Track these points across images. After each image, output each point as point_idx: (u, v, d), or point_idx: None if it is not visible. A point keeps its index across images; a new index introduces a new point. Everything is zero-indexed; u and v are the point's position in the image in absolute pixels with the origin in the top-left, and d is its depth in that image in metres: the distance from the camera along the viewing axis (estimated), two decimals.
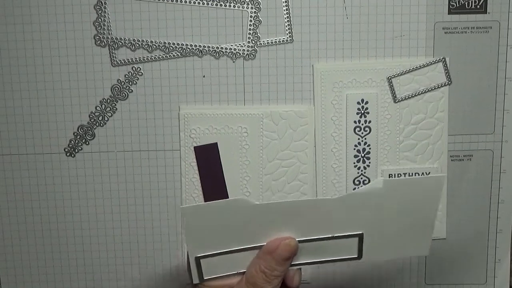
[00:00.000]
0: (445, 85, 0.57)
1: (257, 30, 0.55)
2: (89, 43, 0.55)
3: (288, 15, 0.55)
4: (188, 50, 0.56)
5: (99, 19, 0.55)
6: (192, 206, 0.41)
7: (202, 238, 0.41)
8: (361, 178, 0.58)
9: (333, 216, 0.42)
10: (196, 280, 0.42)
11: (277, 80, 0.56)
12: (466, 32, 0.56)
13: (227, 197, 0.57)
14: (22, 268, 0.59)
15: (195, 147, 0.57)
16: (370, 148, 0.57)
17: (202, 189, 0.57)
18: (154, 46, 0.55)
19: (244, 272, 0.43)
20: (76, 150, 0.57)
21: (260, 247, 0.42)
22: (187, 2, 0.55)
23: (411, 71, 0.56)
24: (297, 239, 0.42)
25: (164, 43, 0.55)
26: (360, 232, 0.44)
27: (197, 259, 0.42)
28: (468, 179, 0.58)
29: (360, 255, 0.45)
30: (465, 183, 0.58)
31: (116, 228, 0.59)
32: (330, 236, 0.43)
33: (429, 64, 0.56)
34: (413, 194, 0.43)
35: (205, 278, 0.42)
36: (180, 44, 0.55)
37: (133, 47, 0.55)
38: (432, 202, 0.44)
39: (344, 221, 0.43)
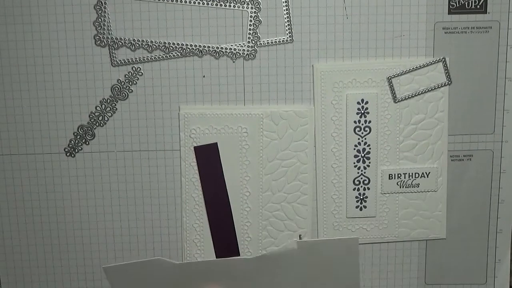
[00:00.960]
0: (445, 85, 0.57)
1: (257, 30, 0.55)
2: (89, 43, 0.55)
3: (288, 15, 0.55)
4: (188, 50, 0.56)
5: (99, 19, 0.55)
6: (113, 266, 0.41)
7: None
8: (361, 178, 0.58)
9: (251, 276, 0.42)
10: None
11: (277, 80, 0.56)
12: (466, 32, 0.56)
13: (227, 197, 0.57)
14: (22, 268, 0.59)
15: (195, 147, 0.57)
16: (370, 148, 0.57)
17: (202, 189, 0.57)
18: (154, 46, 0.55)
19: None
20: (76, 150, 0.57)
21: None
22: (187, 2, 0.55)
23: (411, 71, 0.56)
24: None
25: (164, 43, 0.55)
26: None
27: None
28: (468, 179, 0.58)
29: None
30: (465, 183, 0.58)
31: (116, 228, 0.59)
32: None
33: (429, 64, 0.56)
34: (328, 256, 0.42)
35: None
36: (180, 44, 0.55)
37: (133, 47, 0.55)
38: (351, 265, 0.43)
39: (262, 282, 0.43)
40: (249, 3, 0.55)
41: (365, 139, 0.57)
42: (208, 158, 0.57)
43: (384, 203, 0.58)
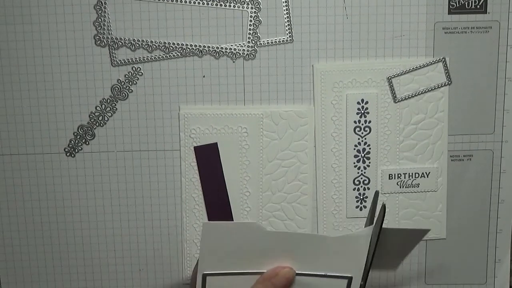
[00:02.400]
0: (445, 85, 0.57)
1: (257, 30, 0.55)
2: (89, 43, 0.55)
3: (288, 15, 0.55)
4: (188, 50, 0.56)
5: (99, 19, 0.55)
6: (213, 223, 0.42)
7: (214, 256, 0.42)
8: (361, 178, 0.58)
9: (329, 254, 0.43)
10: None
11: (277, 80, 0.56)
12: (466, 32, 0.56)
13: (227, 197, 0.57)
14: (22, 268, 0.59)
15: (195, 147, 0.57)
16: (370, 148, 0.57)
17: (202, 189, 0.57)
18: (154, 46, 0.55)
19: None
20: (76, 150, 0.57)
21: (261, 274, 0.44)
22: (187, 2, 0.55)
23: (411, 71, 0.56)
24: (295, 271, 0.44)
25: (164, 43, 0.55)
26: (350, 275, 0.44)
27: (204, 276, 0.43)
28: (468, 179, 0.58)
29: None
30: (465, 183, 0.58)
31: (116, 228, 0.59)
32: (323, 274, 0.44)
33: (429, 64, 0.56)
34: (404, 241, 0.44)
35: None
36: (180, 44, 0.55)
37: (133, 47, 0.55)
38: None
39: (339, 261, 0.43)
40: (249, 3, 0.55)
41: (365, 139, 0.57)
42: (208, 158, 0.57)
43: (384, 203, 0.58)
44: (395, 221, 0.58)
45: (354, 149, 0.57)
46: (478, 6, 0.55)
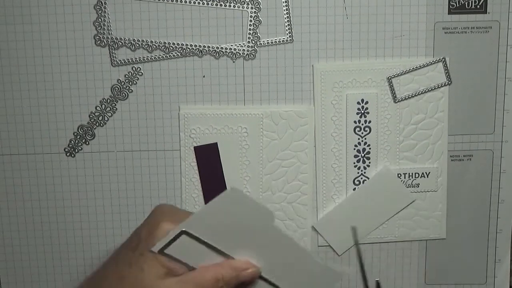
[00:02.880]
0: (445, 85, 0.57)
1: (257, 30, 0.55)
2: (89, 43, 0.55)
3: (288, 15, 0.55)
4: (188, 50, 0.56)
5: (99, 19, 0.55)
6: (241, 193, 0.40)
7: (207, 222, 0.40)
8: (361, 178, 0.58)
9: (300, 272, 0.43)
10: (156, 248, 0.41)
11: (277, 80, 0.56)
12: (466, 32, 0.56)
13: None
14: (22, 268, 0.59)
15: (195, 147, 0.57)
16: (370, 148, 0.57)
17: (202, 189, 0.57)
18: (154, 46, 0.55)
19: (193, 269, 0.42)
20: (76, 150, 0.57)
21: (228, 257, 0.42)
22: (187, 2, 0.55)
23: (411, 71, 0.56)
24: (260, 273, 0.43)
25: (164, 43, 0.55)
26: None
27: (180, 233, 0.40)
28: (468, 179, 0.58)
29: None
30: (465, 183, 0.58)
31: (116, 228, 0.58)
32: None
33: (429, 64, 0.56)
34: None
35: (164, 252, 0.41)
36: (180, 44, 0.55)
37: (133, 47, 0.55)
38: None
39: (304, 284, 0.43)
40: (249, 3, 0.55)
41: (365, 139, 0.57)
42: (208, 158, 0.57)
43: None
44: (395, 221, 0.58)
45: (354, 149, 0.57)
46: (478, 6, 0.55)
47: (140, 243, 0.42)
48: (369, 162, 0.58)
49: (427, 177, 0.58)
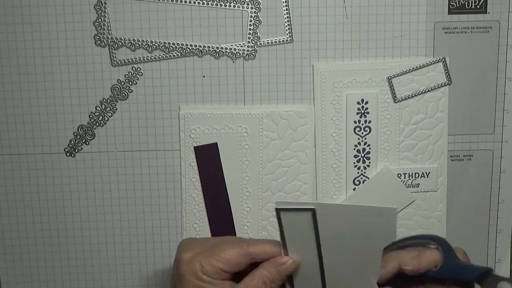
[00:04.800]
0: (445, 85, 0.57)
1: (257, 30, 0.55)
2: (89, 43, 0.55)
3: (288, 15, 0.55)
4: (188, 50, 0.56)
5: (99, 19, 0.55)
6: (394, 213, 0.41)
7: (336, 216, 0.42)
8: (361, 178, 0.58)
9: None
10: (278, 204, 0.43)
11: (277, 80, 0.56)
12: (466, 32, 0.56)
13: (227, 197, 0.57)
14: (22, 268, 0.59)
15: (195, 147, 0.57)
16: (370, 148, 0.57)
17: (202, 189, 0.57)
18: (154, 46, 0.55)
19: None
20: (76, 150, 0.57)
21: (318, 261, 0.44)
22: (187, 2, 0.55)
23: (411, 71, 0.56)
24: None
25: (164, 43, 0.55)
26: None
27: (308, 209, 0.42)
28: (468, 179, 0.58)
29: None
30: (465, 183, 0.58)
31: (116, 228, 0.59)
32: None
33: (429, 64, 0.56)
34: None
35: (280, 214, 0.43)
36: (180, 44, 0.55)
37: (133, 47, 0.55)
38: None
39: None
40: (249, 3, 0.55)
41: (365, 139, 0.57)
42: (208, 158, 0.57)
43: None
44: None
45: (354, 149, 0.57)
46: (478, 6, 0.55)
47: (177, 282, 0.46)
48: (369, 162, 0.58)
49: (427, 177, 0.58)
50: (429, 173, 0.58)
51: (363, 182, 0.58)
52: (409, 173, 0.58)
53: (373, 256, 0.43)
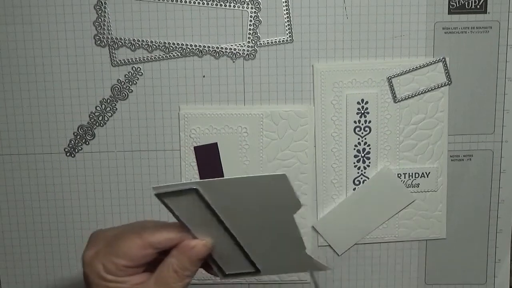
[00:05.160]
0: (445, 85, 0.57)
1: (257, 30, 0.55)
2: (89, 43, 0.55)
3: (288, 15, 0.55)
4: (188, 50, 0.56)
5: (99, 19, 0.55)
6: (287, 181, 0.39)
7: (224, 191, 0.40)
8: (361, 178, 0.58)
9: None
10: (156, 190, 0.39)
11: (277, 80, 0.56)
12: (466, 32, 0.56)
13: None
14: (22, 268, 0.59)
15: (195, 147, 0.57)
16: (370, 148, 0.57)
17: None
18: (154, 46, 0.55)
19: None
20: (76, 150, 0.57)
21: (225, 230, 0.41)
22: (187, 2, 0.55)
23: (411, 71, 0.56)
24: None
25: (164, 43, 0.55)
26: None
27: (190, 190, 0.39)
28: (468, 179, 0.58)
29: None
30: (465, 183, 0.58)
31: None
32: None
33: (429, 64, 0.56)
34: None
35: (164, 200, 0.40)
36: (180, 44, 0.55)
37: (133, 47, 0.55)
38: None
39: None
40: (249, 3, 0.55)
41: (365, 139, 0.57)
42: (208, 158, 0.57)
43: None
44: (396, 221, 0.58)
45: (354, 149, 0.57)
46: (478, 6, 0.55)
47: (85, 284, 0.42)
48: (369, 162, 0.58)
49: (427, 177, 0.58)
50: (429, 173, 0.58)
51: (363, 182, 0.58)
52: (409, 173, 0.58)
53: (287, 224, 0.41)
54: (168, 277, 0.41)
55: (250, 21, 0.55)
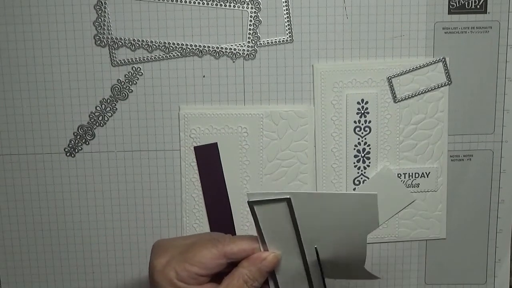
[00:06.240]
0: (445, 85, 0.57)
1: (257, 30, 0.55)
2: (89, 43, 0.55)
3: (288, 15, 0.55)
4: (188, 50, 0.56)
5: (99, 19, 0.55)
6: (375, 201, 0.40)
7: (314, 204, 0.41)
8: (361, 178, 0.58)
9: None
10: (250, 197, 0.41)
11: (277, 80, 0.56)
12: (466, 32, 0.56)
13: (227, 197, 0.57)
14: (22, 268, 0.59)
15: (195, 147, 0.57)
16: (370, 148, 0.57)
17: (202, 189, 0.57)
18: (154, 46, 0.55)
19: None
20: (76, 150, 0.57)
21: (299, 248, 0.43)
22: (187, 2, 0.55)
23: (411, 71, 0.56)
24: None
25: (164, 43, 0.55)
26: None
27: (283, 199, 0.41)
28: (468, 179, 0.58)
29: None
30: (465, 183, 0.58)
31: (116, 228, 0.59)
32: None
33: (429, 64, 0.56)
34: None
35: (254, 208, 0.41)
36: (180, 44, 0.55)
37: (133, 47, 0.55)
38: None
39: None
40: (249, 3, 0.55)
41: (365, 139, 0.57)
42: (208, 158, 0.57)
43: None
44: (396, 221, 0.58)
45: (354, 149, 0.57)
46: (478, 6, 0.55)
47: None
48: (369, 162, 0.58)
49: (427, 177, 0.58)
50: (429, 173, 0.58)
51: (363, 182, 0.58)
52: (409, 173, 0.58)
53: (358, 242, 0.42)
54: (238, 287, 0.43)
55: (250, 21, 0.55)
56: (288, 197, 0.41)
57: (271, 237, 0.43)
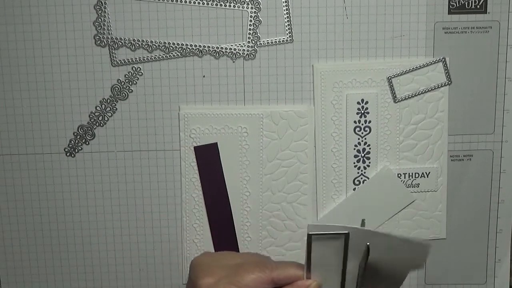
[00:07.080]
0: (445, 85, 0.57)
1: (257, 30, 0.55)
2: (89, 43, 0.55)
3: (288, 15, 0.55)
4: (188, 50, 0.56)
5: (99, 19, 0.55)
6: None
7: (365, 241, 0.42)
8: (361, 178, 0.58)
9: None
10: (310, 229, 0.42)
11: (277, 80, 0.56)
12: (466, 32, 0.56)
13: (227, 197, 0.57)
14: (22, 268, 0.59)
15: (195, 147, 0.57)
16: (370, 148, 0.57)
17: (202, 189, 0.57)
18: (154, 46, 0.55)
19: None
20: (76, 150, 0.57)
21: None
22: (187, 2, 0.55)
23: (411, 71, 0.56)
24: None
25: (164, 43, 0.55)
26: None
27: (341, 234, 0.42)
28: (468, 179, 0.58)
29: None
30: (465, 183, 0.58)
31: (116, 228, 0.59)
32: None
33: (429, 64, 0.56)
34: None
35: (311, 238, 0.42)
36: (180, 44, 0.55)
37: (133, 47, 0.55)
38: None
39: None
40: (249, 3, 0.55)
41: (365, 139, 0.57)
42: (208, 158, 0.57)
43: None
44: (395, 221, 0.58)
45: (354, 149, 0.57)
46: (478, 6, 0.55)
47: None
48: (369, 162, 0.58)
49: (427, 177, 0.58)
50: (429, 173, 0.58)
51: (363, 182, 0.58)
52: (409, 173, 0.58)
53: (397, 278, 0.43)
54: None
55: (250, 21, 0.55)
56: (347, 232, 0.41)
57: (318, 267, 0.43)
